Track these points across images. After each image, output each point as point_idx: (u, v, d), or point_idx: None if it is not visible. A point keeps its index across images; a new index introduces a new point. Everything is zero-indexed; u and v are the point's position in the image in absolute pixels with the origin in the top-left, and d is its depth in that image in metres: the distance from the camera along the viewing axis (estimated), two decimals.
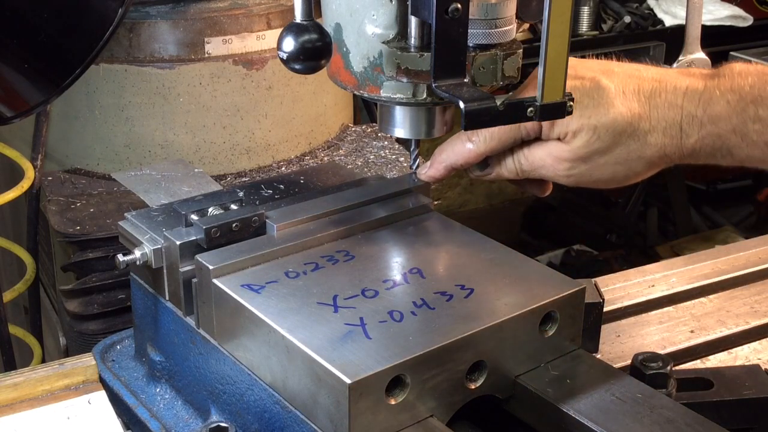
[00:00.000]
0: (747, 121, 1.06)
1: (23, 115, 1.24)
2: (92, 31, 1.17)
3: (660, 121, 1.08)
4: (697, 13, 1.50)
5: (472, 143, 1.13)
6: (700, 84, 1.09)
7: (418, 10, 0.97)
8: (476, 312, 0.94)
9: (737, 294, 1.41)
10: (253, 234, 1.05)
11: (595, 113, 1.08)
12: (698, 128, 1.08)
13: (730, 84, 1.07)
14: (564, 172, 1.11)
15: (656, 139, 1.09)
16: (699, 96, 1.08)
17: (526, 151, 1.13)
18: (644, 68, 1.14)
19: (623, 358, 1.22)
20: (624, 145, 1.09)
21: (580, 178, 1.12)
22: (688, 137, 1.08)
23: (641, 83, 1.10)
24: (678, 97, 1.08)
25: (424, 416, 0.90)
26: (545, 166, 1.12)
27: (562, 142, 1.10)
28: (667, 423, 0.90)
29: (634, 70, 1.13)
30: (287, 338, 0.90)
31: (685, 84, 1.09)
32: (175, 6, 1.64)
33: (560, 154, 1.10)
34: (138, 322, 1.16)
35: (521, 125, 1.10)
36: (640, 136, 1.09)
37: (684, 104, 1.08)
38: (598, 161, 1.10)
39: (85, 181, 1.67)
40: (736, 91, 1.06)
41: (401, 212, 1.12)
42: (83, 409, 1.10)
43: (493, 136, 1.12)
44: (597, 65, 1.13)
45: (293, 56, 0.98)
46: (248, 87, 1.67)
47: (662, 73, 1.12)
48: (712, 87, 1.08)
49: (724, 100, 1.06)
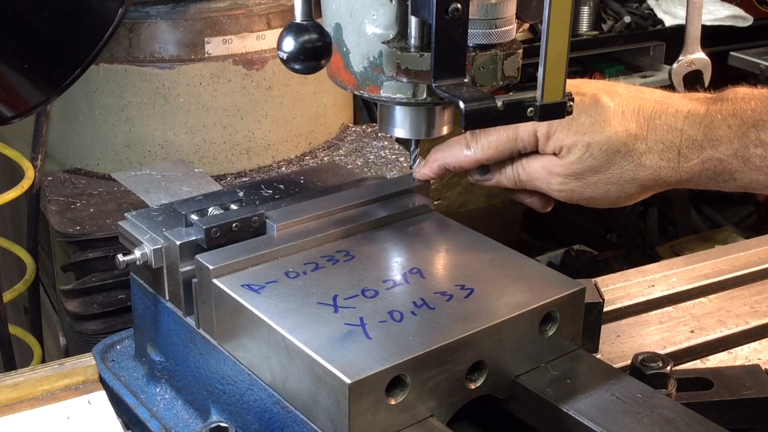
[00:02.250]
0: (749, 146, 1.04)
1: (23, 115, 1.24)
2: (92, 31, 1.16)
3: (657, 143, 1.07)
4: (697, 13, 1.50)
5: (470, 150, 1.13)
6: (702, 108, 1.08)
7: (418, 10, 0.97)
8: (476, 312, 0.94)
9: (737, 294, 1.41)
10: (253, 234, 1.05)
11: (590, 130, 1.07)
12: (698, 152, 1.06)
13: (732, 108, 1.06)
14: (557, 186, 1.11)
15: (651, 162, 1.08)
16: (700, 120, 1.07)
17: (525, 161, 1.13)
18: (649, 91, 1.13)
19: (623, 358, 1.22)
20: (617, 165, 1.08)
21: (572, 194, 1.11)
22: (687, 160, 1.07)
23: (643, 104, 1.09)
24: (679, 120, 1.07)
25: (424, 416, 0.90)
26: (540, 179, 1.12)
27: (557, 157, 1.10)
28: (667, 423, 0.90)
29: (637, 92, 1.12)
30: (287, 338, 0.90)
31: (687, 108, 1.08)
32: (175, 6, 1.64)
33: (553, 168, 1.10)
34: (138, 322, 1.16)
35: (519, 137, 1.10)
36: (635, 157, 1.08)
37: (684, 128, 1.07)
38: (590, 179, 1.10)
39: (85, 181, 1.67)
40: (738, 115, 1.05)
41: (401, 212, 1.12)
42: (83, 409, 1.10)
43: (491, 145, 1.12)
44: (601, 85, 1.13)
45: (293, 56, 0.98)
46: (248, 87, 1.67)
47: (666, 96, 1.11)
48: (714, 111, 1.07)
49: (726, 124, 1.05)
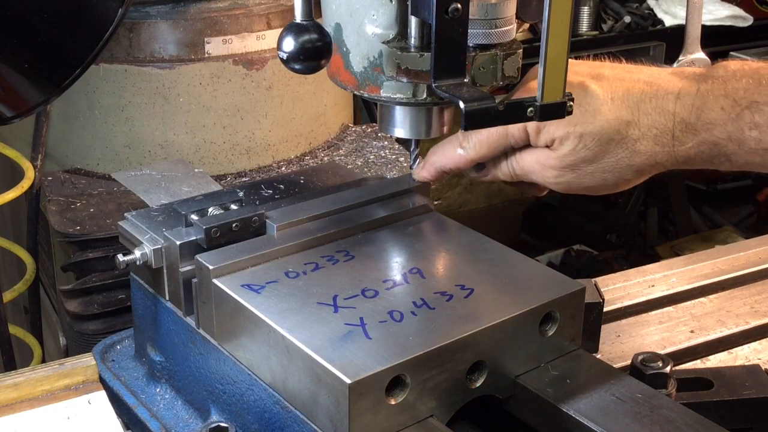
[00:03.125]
0: (743, 128, 1.02)
1: (23, 115, 1.24)
2: (92, 31, 1.16)
3: (650, 128, 1.05)
4: (697, 13, 1.50)
5: (463, 149, 1.12)
6: (692, 87, 1.05)
7: (418, 10, 0.97)
8: (476, 312, 0.94)
9: (737, 294, 1.41)
10: (253, 234, 1.05)
11: (581, 121, 1.05)
12: (692, 135, 1.04)
13: (724, 88, 1.03)
14: (552, 179, 1.10)
15: (646, 147, 1.06)
16: (692, 101, 1.04)
17: (519, 156, 1.11)
18: (636, 70, 1.10)
19: (623, 358, 1.22)
20: (612, 154, 1.07)
21: (569, 185, 1.10)
22: (681, 144, 1.05)
23: (631, 86, 1.07)
24: (669, 102, 1.05)
25: (424, 416, 0.90)
26: (535, 172, 1.11)
27: (549, 149, 1.08)
28: (667, 423, 0.90)
29: (625, 73, 1.09)
30: (287, 338, 0.90)
31: (677, 87, 1.05)
32: (175, 6, 1.64)
33: (547, 162, 1.09)
34: (138, 322, 1.16)
35: (509, 133, 1.09)
36: (629, 144, 1.06)
37: (676, 110, 1.05)
38: (585, 169, 1.08)
39: (85, 181, 1.67)
40: (730, 96, 1.02)
41: (401, 212, 1.12)
42: (83, 409, 1.10)
43: (483, 143, 1.10)
44: (587, 69, 1.10)
45: (293, 56, 0.98)
46: (248, 87, 1.67)
47: (654, 75, 1.08)
48: (706, 91, 1.04)
49: (719, 105, 1.03)
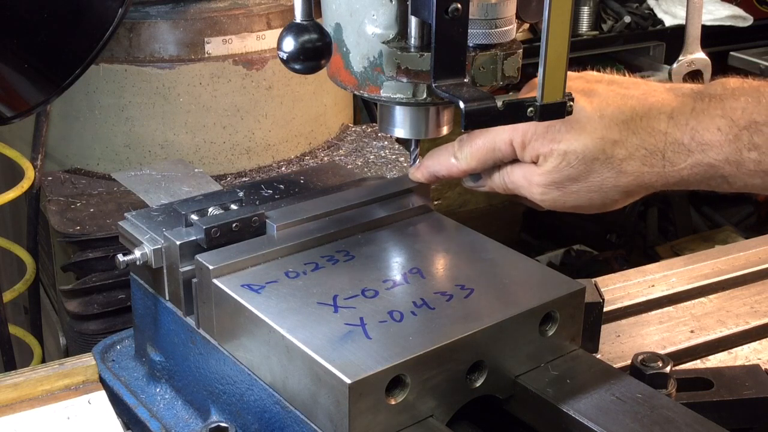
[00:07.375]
0: (741, 150, 0.97)
1: (23, 115, 1.24)
2: (92, 31, 1.17)
3: (638, 148, 1.00)
4: (697, 13, 1.50)
5: (456, 159, 1.10)
6: (687, 106, 1.00)
7: (418, 10, 0.97)
8: (476, 312, 0.94)
9: (737, 294, 1.41)
10: (253, 234, 1.05)
11: (565, 138, 1.02)
12: (685, 156, 0.99)
13: (721, 107, 0.98)
14: (539, 195, 1.06)
15: (633, 168, 1.01)
16: (686, 120, 0.99)
17: (509, 169, 1.08)
18: (633, 85, 1.06)
19: (623, 358, 1.22)
20: (597, 173, 1.02)
21: (555, 203, 1.07)
22: (673, 165, 1.00)
23: (623, 104, 1.02)
24: (662, 122, 1.00)
25: (424, 416, 0.90)
26: (523, 187, 1.08)
27: (535, 166, 1.05)
28: (667, 423, 0.90)
29: (619, 89, 1.05)
30: (287, 338, 0.90)
31: (671, 106, 1.01)
32: (175, 6, 1.64)
33: (533, 178, 1.05)
34: (138, 322, 1.16)
35: (496, 148, 1.06)
36: (614, 164, 1.01)
37: (669, 130, 0.99)
38: (570, 188, 1.04)
39: (85, 181, 1.67)
40: (728, 115, 0.97)
41: (401, 212, 1.12)
42: (83, 409, 1.10)
43: (474, 156, 1.08)
44: (582, 83, 1.06)
45: (293, 56, 0.98)
46: (248, 87, 1.67)
47: (649, 92, 1.04)
48: (701, 110, 0.99)
49: (714, 126, 0.97)
